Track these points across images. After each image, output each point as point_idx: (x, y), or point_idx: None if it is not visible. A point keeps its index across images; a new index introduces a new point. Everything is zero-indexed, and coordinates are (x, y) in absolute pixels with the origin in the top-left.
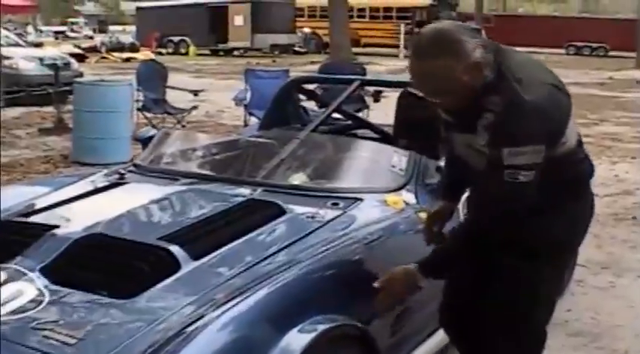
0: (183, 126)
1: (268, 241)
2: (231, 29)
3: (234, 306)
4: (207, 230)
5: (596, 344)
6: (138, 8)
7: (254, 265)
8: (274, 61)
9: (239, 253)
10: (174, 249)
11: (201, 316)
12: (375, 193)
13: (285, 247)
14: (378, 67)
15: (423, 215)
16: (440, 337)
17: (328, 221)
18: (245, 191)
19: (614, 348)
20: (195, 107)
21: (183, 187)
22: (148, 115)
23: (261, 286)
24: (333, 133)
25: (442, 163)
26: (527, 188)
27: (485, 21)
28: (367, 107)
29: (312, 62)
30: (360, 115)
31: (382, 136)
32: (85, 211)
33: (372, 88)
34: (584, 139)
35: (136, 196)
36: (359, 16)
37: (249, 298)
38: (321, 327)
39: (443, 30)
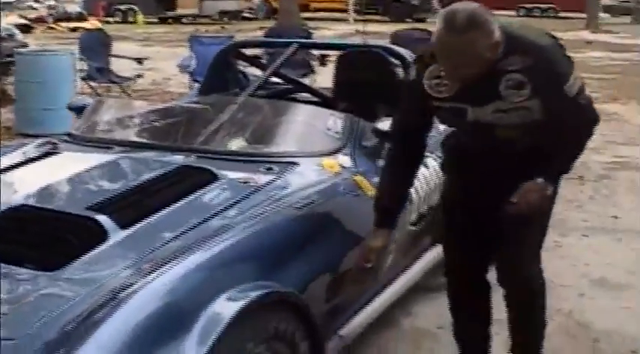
0: (129, 95)
1: (199, 208)
2: None
3: (163, 273)
4: (137, 199)
5: None
6: None
7: (184, 232)
8: (223, 28)
9: (169, 221)
10: (102, 218)
11: (131, 284)
12: (311, 157)
13: (217, 213)
14: (327, 32)
15: (360, 179)
16: (381, 301)
17: (262, 186)
18: (179, 158)
19: (557, 308)
20: (140, 75)
21: (116, 156)
22: (93, 84)
23: (191, 253)
24: (271, 98)
25: (384, 126)
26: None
27: None
28: (313, 71)
29: (261, 28)
30: (306, 79)
31: (321, 99)
32: (12, 183)
33: (318, 52)
34: None
35: (66, 166)
36: None
37: (179, 266)
38: (253, 294)
39: (476, 9)
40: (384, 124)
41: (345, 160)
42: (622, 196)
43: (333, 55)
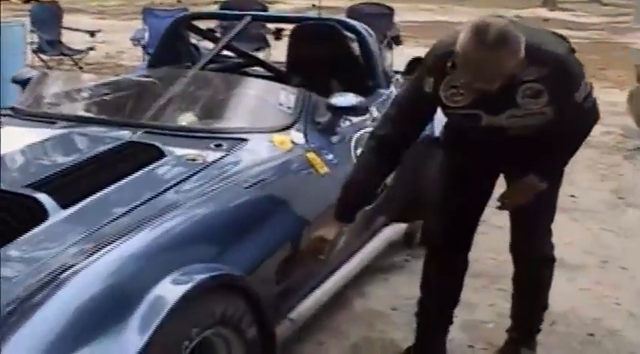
0: (80, 68)
1: (144, 186)
2: None
3: (104, 255)
4: (79, 176)
5: (497, 286)
6: None
7: (128, 211)
8: (179, 1)
9: (113, 200)
10: (42, 197)
11: (70, 266)
12: (261, 132)
13: (163, 191)
14: (284, 6)
15: (312, 156)
16: (333, 283)
17: (210, 164)
18: (125, 134)
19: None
20: (91, 48)
21: (60, 131)
22: (44, 57)
23: (135, 234)
24: (223, 71)
25: (338, 101)
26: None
27: None
28: (268, 45)
29: (216, 2)
30: (261, 53)
31: (274, 74)
32: None
33: (273, 26)
34: None
35: (7, 141)
36: None
37: (122, 246)
38: (198, 277)
39: (508, 26)
40: (338, 99)
41: (297, 136)
42: (580, 174)
43: (289, 29)
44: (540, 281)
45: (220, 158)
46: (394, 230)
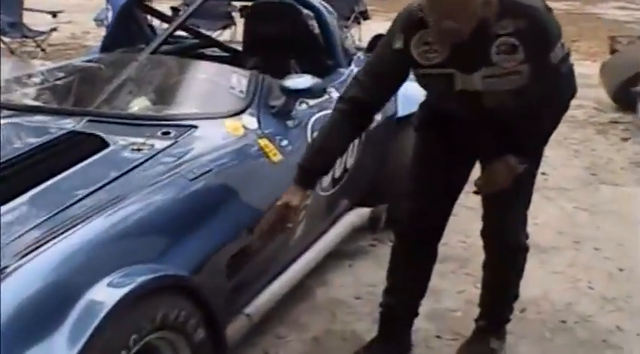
0: (43, 49)
1: (83, 180)
2: None
3: (36, 256)
4: (14, 171)
5: (466, 270)
6: None
7: (64, 208)
8: None
9: (48, 196)
10: None
11: (3, 269)
12: (212, 118)
13: (104, 185)
14: None
15: (264, 142)
16: (292, 273)
17: (156, 153)
18: (68, 123)
19: (482, 275)
20: (54, 29)
21: None
22: (5, 39)
23: (68, 234)
24: (178, 53)
25: (292, 83)
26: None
27: None
28: (234, 23)
29: None
30: (227, 31)
31: (231, 54)
32: None
33: (239, 4)
34: None
35: None
36: None
37: (55, 247)
38: (137, 279)
39: None
40: (293, 81)
41: (249, 121)
42: (551, 150)
43: None
44: (512, 270)
45: (167, 147)
46: (358, 214)
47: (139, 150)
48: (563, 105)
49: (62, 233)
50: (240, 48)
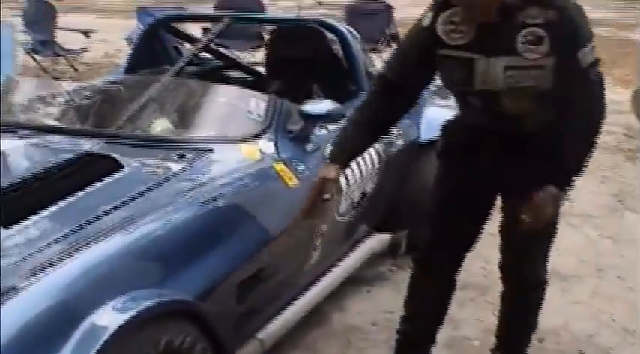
0: (76, 69)
1: (94, 202)
2: None
3: (45, 277)
4: (28, 192)
5: (485, 298)
6: None
7: (73, 230)
8: None
9: (59, 218)
10: None
11: (11, 288)
12: (228, 142)
13: (116, 207)
14: (288, 3)
15: (280, 167)
16: (309, 297)
17: (170, 177)
18: (85, 144)
19: None
20: (86, 49)
21: (16, 142)
22: (38, 57)
23: (76, 255)
24: (202, 75)
25: (311, 108)
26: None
27: None
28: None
29: None
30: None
31: (254, 77)
32: None
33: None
34: None
35: None
36: None
37: (63, 268)
38: (143, 303)
39: None
40: (311, 106)
41: (266, 145)
42: (580, 178)
43: None
44: (530, 305)
45: (182, 170)
46: (378, 240)
47: (153, 173)
48: (594, 124)
49: (70, 255)
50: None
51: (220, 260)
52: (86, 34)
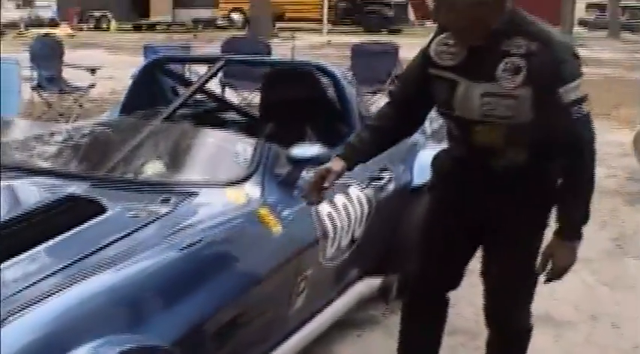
0: (81, 105)
1: (73, 246)
2: (152, 3)
3: (19, 318)
4: (5, 234)
5: (476, 343)
6: None
7: (51, 274)
8: (195, 36)
9: (36, 261)
10: None
11: None
12: (214, 186)
13: (92, 252)
14: (298, 42)
15: (264, 212)
16: (294, 342)
17: (153, 220)
18: (71, 186)
19: None
20: (92, 85)
21: (3, 182)
22: (44, 94)
23: (50, 299)
24: (196, 117)
25: (298, 152)
26: (591, 118)
27: None
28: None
29: (234, 37)
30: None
31: (247, 119)
32: None
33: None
34: None
35: None
36: None
37: (36, 311)
38: (118, 348)
39: None
40: (298, 151)
41: (252, 189)
42: None
43: None
44: (514, 351)
45: (165, 214)
46: (367, 285)
47: (135, 216)
48: (589, 168)
49: (43, 298)
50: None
51: (199, 305)
52: (92, 71)
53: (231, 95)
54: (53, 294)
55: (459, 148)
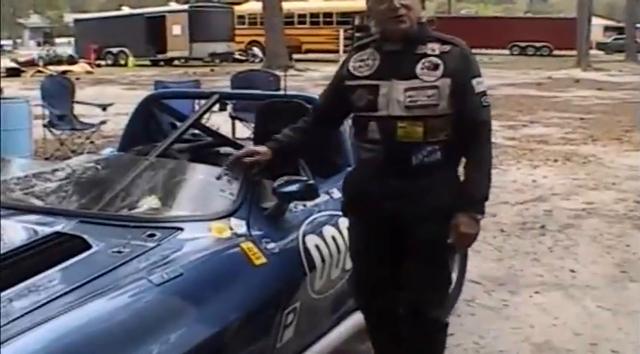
0: (92, 142)
1: (53, 284)
2: (169, 39)
3: None
4: None
5: None
6: (76, 20)
7: (28, 312)
8: (212, 71)
9: (17, 299)
10: None
11: None
12: (198, 221)
13: (70, 290)
14: (314, 73)
15: (248, 246)
16: None
17: (134, 256)
18: (59, 223)
19: None
20: (103, 122)
21: None
22: (56, 131)
23: (22, 337)
24: (192, 151)
25: (283, 186)
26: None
27: (429, 23)
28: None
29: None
30: None
31: None
32: None
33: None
34: (509, 142)
35: None
36: (300, 22)
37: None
38: None
39: None
40: (283, 184)
41: (237, 224)
42: (584, 247)
43: None
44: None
45: (148, 250)
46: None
47: (119, 253)
48: (489, 151)
49: (18, 335)
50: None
51: (178, 341)
52: (104, 107)
53: (241, 128)
54: (28, 330)
55: (375, 151)
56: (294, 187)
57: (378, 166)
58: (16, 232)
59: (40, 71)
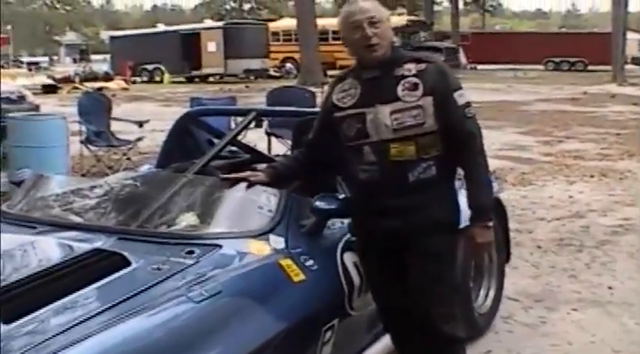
0: (129, 158)
1: (94, 300)
2: (204, 56)
3: None
4: (30, 288)
5: None
6: (112, 37)
7: (67, 329)
8: (247, 87)
9: (56, 316)
10: None
11: None
12: (237, 238)
13: (112, 305)
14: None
15: (287, 263)
16: None
17: (173, 274)
18: (98, 240)
19: None
20: (140, 139)
21: (30, 237)
22: (93, 148)
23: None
24: (229, 168)
25: (321, 203)
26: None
27: (463, 39)
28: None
29: (285, 87)
30: None
31: None
32: None
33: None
34: (545, 158)
35: None
36: (334, 39)
37: None
38: None
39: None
40: (321, 201)
41: (276, 240)
42: (621, 263)
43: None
44: None
45: (187, 267)
46: None
47: (158, 269)
48: (484, 158)
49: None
50: None
51: None
52: (140, 124)
53: (277, 145)
54: (66, 348)
55: (371, 173)
56: (332, 204)
57: (376, 185)
58: (55, 248)
59: (76, 88)
